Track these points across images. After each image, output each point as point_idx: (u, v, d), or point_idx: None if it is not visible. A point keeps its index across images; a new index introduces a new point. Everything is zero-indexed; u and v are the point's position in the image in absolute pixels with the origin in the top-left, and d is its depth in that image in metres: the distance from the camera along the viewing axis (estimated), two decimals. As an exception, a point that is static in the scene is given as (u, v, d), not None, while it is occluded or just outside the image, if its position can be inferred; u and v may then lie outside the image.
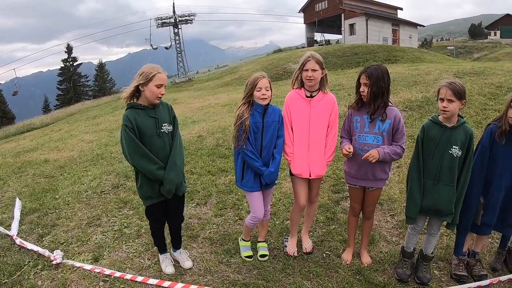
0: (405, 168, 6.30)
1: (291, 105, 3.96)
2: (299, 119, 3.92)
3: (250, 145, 3.82)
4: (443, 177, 3.47)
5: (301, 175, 3.99)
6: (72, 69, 59.87)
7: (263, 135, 3.88)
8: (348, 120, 3.86)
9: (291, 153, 4.00)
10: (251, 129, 3.81)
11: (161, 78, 3.45)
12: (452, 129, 3.41)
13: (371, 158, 3.53)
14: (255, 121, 3.83)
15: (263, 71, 3.91)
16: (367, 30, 39.44)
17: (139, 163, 3.48)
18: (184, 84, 36.51)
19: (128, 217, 5.31)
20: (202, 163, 7.17)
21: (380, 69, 3.56)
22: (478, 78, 11.62)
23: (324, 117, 3.91)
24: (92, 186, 6.66)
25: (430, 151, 3.49)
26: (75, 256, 4.40)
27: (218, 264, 4.12)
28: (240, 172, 3.99)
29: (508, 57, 42.12)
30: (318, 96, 3.91)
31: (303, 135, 3.92)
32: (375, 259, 4.14)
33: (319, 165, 3.97)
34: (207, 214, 5.28)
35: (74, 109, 31.21)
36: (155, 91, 3.44)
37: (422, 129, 3.57)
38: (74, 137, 12.80)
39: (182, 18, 46.81)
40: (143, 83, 3.42)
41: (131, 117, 3.44)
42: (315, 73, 3.79)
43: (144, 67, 3.51)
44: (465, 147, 3.41)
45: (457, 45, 59.05)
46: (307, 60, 3.80)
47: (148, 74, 3.40)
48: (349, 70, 21.87)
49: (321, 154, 3.96)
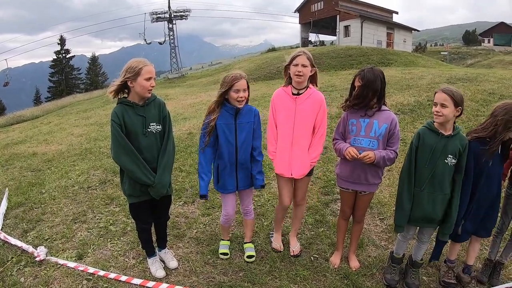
0: (396, 172, 6.28)
1: (276, 103, 3.90)
2: (283, 117, 3.84)
3: (208, 153, 3.81)
4: (437, 186, 3.41)
5: (283, 175, 3.93)
6: (65, 61, 59.52)
7: (237, 137, 3.79)
8: (343, 122, 3.77)
9: (273, 152, 3.94)
10: (222, 131, 3.74)
11: (149, 70, 3.37)
12: (449, 138, 3.34)
13: (367, 159, 3.46)
14: (227, 123, 3.76)
15: (242, 71, 3.82)
16: (361, 32, 39.50)
17: (123, 162, 3.41)
18: (176, 80, 36.35)
19: (114, 214, 5.22)
20: (192, 161, 7.08)
21: (373, 71, 3.50)
22: (471, 84, 11.68)
23: (310, 115, 3.82)
24: (79, 181, 6.57)
25: (425, 159, 3.41)
26: (59, 253, 4.31)
27: (203, 265, 4.06)
28: (216, 174, 3.93)
29: (501, 65, 42.48)
30: (305, 94, 3.82)
31: (287, 133, 3.85)
32: (364, 263, 4.10)
33: (301, 164, 3.88)
34: (194, 213, 5.21)
35: (65, 102, 30.96)
36: (145, 84, 3.36)
37: (417, 135, 3.48)
38: (63, 131, 12.67)
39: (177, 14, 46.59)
40: (132, 78, 3.33)
41: (119, 113, 3.37)
42: (305, 69, 3.71)
43: (130, 62, 3.42)
44: (458, 156, 3.35)
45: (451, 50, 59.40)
46: (297, 55, 3.73)
47: (135, 68, 3.32)
48: (343, 72, 21.88)
49: (304, 153, 3.87)
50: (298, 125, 3.81)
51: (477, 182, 3.44)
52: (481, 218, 3.56)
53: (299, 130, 3.82)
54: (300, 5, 49.34)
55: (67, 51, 60.09)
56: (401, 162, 6.52)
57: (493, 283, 3.85)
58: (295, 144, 3.85)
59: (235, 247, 4.39)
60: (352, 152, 3.49)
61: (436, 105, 3.30)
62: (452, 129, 3.37)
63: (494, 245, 3.94)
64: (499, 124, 3.27)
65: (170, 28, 46.75)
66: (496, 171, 3.45)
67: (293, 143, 3.85)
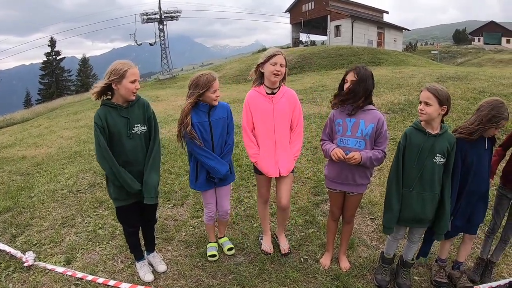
0: (386, 171, 6.27)
1: (252, 105, 3.87)
2: (263, 118, 3.83)
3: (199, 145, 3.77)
4: (426, 186, 3.38)
5: (269, 174, 3.93)
6: (55, 63, 59.03)
7: (212, 133, 3.79)
8: (330, 123, 3.74)
9: (256, 154, 3.91)
10: (198, 129, 3.73)
11: (133, 73, 3.32)
12: (436, 137, 3.32)
13: (353, 160, 3.43)
14: (201, 121, 3.75)
15: (213, 71, 3.81)
16: (352, 32, 39.61)
17: (104, 167, 3.39)
18: (167, 81, 36.14)
19: (103, 218, 5.17)
20: (181, 162, 7.03)
21: (366, 70, 3.50)
22: (461, 83, 11.72)
23: (288, 113, 3.84)
24: (68, 184, 6.50)
25: (413, 159, 3.38)
26: (47, 258, 4.27)
27: (193, 268, 4.02)
28: (194, 173, 3.92)
29: (491, 63, 42.83)
30: (279, 92, 3.84)
31: (269, 133, 3.84)
32: (354, 264, 4.08)
33: (287, 161, 3.90)
34: (183, 216, 5.16)
35: (56, 104, 30.74)
36: (130, 87, 3.31)
37: (404, 136, 3.46)
38: (53, 133, 12.53)
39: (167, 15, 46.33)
40: (116, 81, 3.28)
41: (102, 116, 3.33)
42: (283, 68, 3.73)
43: (114, 64, 3.36)
44: (447, 154, 3.34)
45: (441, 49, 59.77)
46: (276, 54, 3.72)
47: (120, 71, 3.27)
48: (333, 71, 21.91)
49: (287, 150, 3.90)
50: (278, 124, 3.81)
51: (465, 180, 3.43)
52: (469, 214, 3.55)
53: (280, 129, 3.83)
54: (291, 5, 49.43)
55: (57, 53, 59.64)
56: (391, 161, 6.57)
57: (485, 281, 3.85)
58: (278, 143, 3.85)
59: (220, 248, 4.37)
60: (338, 153, 3.47)
61: (421, 103, 3.30)
62: (440, 128, 3.36)
63: (486, 245, 3.94)
64: (484, 120, 3.28)
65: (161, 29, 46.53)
66: (484, 168, 3.44)
67: (277, 142, 3.85)
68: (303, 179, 6.14)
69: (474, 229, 3.65)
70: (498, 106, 3.29)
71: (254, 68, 3.90)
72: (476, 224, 3.62)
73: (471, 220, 3.58)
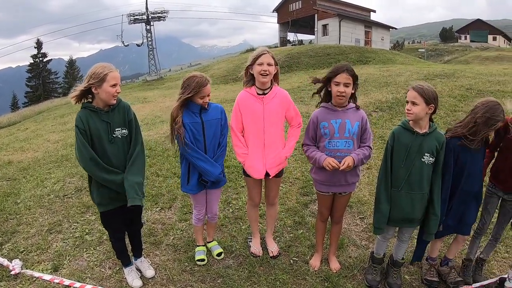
0: (375, 170, 6.28)
1: (242, 106, 3.80)
2: (252, 119, 3.76)
3: (191, 146, 3.69)
4: (415, 186, 3.35)
5: (256, 176, 3.87)
6: (42, 65, 58.34)
7: (205, 134, 3.73)
8: (313, 126, 3.66)
9: (244, 153, 3.85)
10: (189, 129, 3.66)
11: (114, 76, 3.24)
12: (424, 136, 3.29)
13: (348, 168, 3.41)
14: (193, 121, 3.68)
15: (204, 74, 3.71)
16: (340, 31, 39.75)
17: (90, 170, 3.32)
18: (155, 82, 36.06)
19: (90, 223, 5.08)
20: (168, 164, 6.95)
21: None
22: (449, 80, 11.81)
23: (280, 113, 3.78)
24: (55, 189, 6.39)
25: (401, 159, 3.35)
26: (34, 266, 4.18)
27: (181, 273, 3.96)
28: (186, 175, 3.84)
29: (478, 60, 43.19)
30: (271, 92, 3.77)
31: (258, 134, 3.78)
32: (344, 264, 4.07)
33: (276, 163, 3.85)
34: (171, 219, 5.09)
35: (43, 107, 30.35)
36: (110, 91, 3.23)
37: (391, 135, 3.43)
38: (40, 137, 12.38)
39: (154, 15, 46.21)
40: (97, 85, 3.20)
41: (84, 119, 3.25)
42: (270, 67, 3.64)
43: (94, 67, 3.27)
44: (436, 153, 3.31)
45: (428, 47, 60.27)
46: (262, 54, 3.64)
47: (100, 74, 3.18)
48: (321, 70, 21.95)
49: (277, 152, 3.84)
50: (268, 126, 3.75)
51: (458, 180, 3.42)
52: (461, 214, 3.53)
53: (269, 129, 3.77)
54: (278, 4, 49.53)
55: (44, 55, 58.92)
56: (380, 160, 6.55)
57: (477, 279, 3.86)
58: (267, 144, 3.80)
59: (209, 252, 4.33)
60: (332, 163, 3.41)
61: (408, 102, 3.27)
62: (428, 127, 3.33)
63: (474, 245, 3.92)
64: (479, 121, 3.22)
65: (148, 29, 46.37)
66: (478, 168, 3.42)
67: (265, 143, 3.79)
68: (291, 180, 6.11)
69: (467, 229, 3.63)
70: (493, 108, 3.22)
71: (244, 71, 3.85)
72: (468, 224, 3.60)
73: (463, 220, 3.55)
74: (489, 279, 3.84)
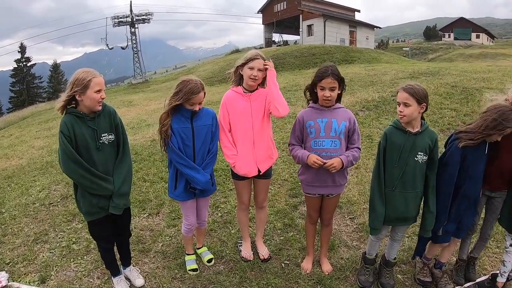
0: (363, 169, 6.27)
1: (229, 105, 3.75)
2: (240, 117, 3.72)
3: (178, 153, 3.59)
4: (408, 185, 3.33)
5: (248, 174, 3.81)
6: (26, 70, 57.56)
7: (195, 140, 3.63)
8: (299, 125, 3.62)
9: (234, 155, 3.79)
10: (178, 135, 3.56)
11: (98, 82, 3.13)
12: (417, 135, 3.26)
13: (332, 169, 3.36)
14: (183, 127, 3.58)
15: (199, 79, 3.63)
16: (324, 31, 39.86)
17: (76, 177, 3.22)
18: (140, 85, 35.79)
19: (77, 231, 4.97)
20: (155, 169, 6.86)
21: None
22: (434, 78, 11.90)
23: (266, 109, 3.75)
24: (40, 197, 6.26)
25: (394, 159, 3.32)
26: (21, 278, 4.07)
27: (171, 280, 3.88)
28: (173, 181, 3.74)
29: (462, 58, 43.81)
30: (257, 91, 3.75)
31: (247, 132, 3.73)
32: (336, 266, 4.03)
33: (266, 158, 3.83)
34: (159, 225, 5.00)
35: (27, 113, 29.87)
36: (95, 97, 3.12)
37: (384, 136, 3.39)
38: (24, 143, 12.20)
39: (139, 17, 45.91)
40: (80, 92, 3.09)
41: (69, 125, 3.14)
42: (261, 73, 3.63)
43: (76, 73, 3.15)
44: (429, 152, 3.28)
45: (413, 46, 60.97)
46: (255, 58, 3.61)
47: (83, 81, 3.07)
48: (307, 71, 22.00)
49: (266, 149, 3.81)
50: (256, 122, 3.72)
51: (460, 184, 3.37)
52: (460, 219, 3.48)
53: (258, 126, 3.73)
54: (263, 5, 49.55)
55: (27, 59, 58.13)
56: (368, 159, 6.58)
57: (470, 277, 3.84)
58: (256, 141, 3.76)
59: (199, 258, 4.26)
60: (317, 160, 3.38)
61: (400, 104, 3.22)
62: (420, 125, 3.30)
63: (465, 245, 3.90)
64: (490, 124, 3.15)
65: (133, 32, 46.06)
66: (480, 173, 3.36)
67: (255, 141, 3.75)
68: (280, 181, 6.06)
69: (463, 233, 3.61)
70: (506, 113, 3.14)
71: (234, 69, 3.80)
72: (465, 229, 3.57)
73: (460, 225, 3.51)
74: (482, 277, 3.83)
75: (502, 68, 14.65)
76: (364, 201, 5.28)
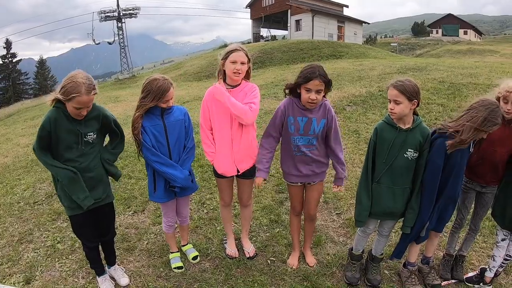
0: (350, 164, 6.25)
1: (209, 101, 3.64)
2: (219, 114, 3.61)
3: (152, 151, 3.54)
4: (396, 180, 3.29)
5: (226, 174, 3.76)
6: (12, 66, 56.76)
7: (168, 137, 3.57)
8: (281, 115, 3.54)
9: (212, 152, 3.73)
10: (151, 133, 3.51)
11: (80, 101, 2.97)
12: (408, 131, 3.20)
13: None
14: (155, 124, 3.52)
15: (166, 76, 3.55)
16: (313, 26, 39.93)
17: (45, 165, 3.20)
18: (127, 80, 35.55)
19: (62, 230, 4.88)
20: (141, 166, 6.75)
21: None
22: (421, 74, 11.96)
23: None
24: (25, 196, 6.14)
25: (383, 154, 3.28)
26: (6, 279, 3.99)
27: (156, 279, 3.83)
28: (152, 183, 3.68)
29: (449, 54, 44.09)
30: (239, 87, 3.62)
31: (225, 130, 3.63)
32: (323, 262, 4.01)
33: (246, 158, 3.75)
34: (144, 223, 4.94)
35: (13, 110, 29.46)
36: (74, 112, 3.03)
37: (374, 131, 3.34)
38: (9, 141, 11.98)
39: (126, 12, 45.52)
40: (64, 99, 2.98)
41: (53, 121, 3.04)
42: (243, 66, 3.50)
43: (69, 79, 2.99)
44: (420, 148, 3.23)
45: (401, 42, 61.20)
46: (235, 51, 3.48)
47: (68, 93, 2.93)
48: (295, 66, 21.96)
49: (247, 148, 3.71)
50: (236, 121, 3.60)
51: (444, 183, 3.29)
52: (439, 215, 3.45)
53: (237, 125, 3.62)
54: (251, 0, 49.40)
55: (13, 55, 57.28)
56: (355, 154, 6.57)
57: (457, 276, 3.82)
58: (236, 141, 3.66)
59: (184, 255, 4.22)
60: (256, 185, 3.81)
61: (390, 101, 3.17)
62: (412, 121, 3.24)
63: (453, 240, 3.90)
64: (476, 121, 3.02)
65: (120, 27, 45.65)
66: (462, 171, 3.33)
67: (234, 140, 3.65)
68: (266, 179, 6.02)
69: (441, 227, 3.57)
70: (494, 110, 3.04)
71: (218, 69, 3.66)
72: (444, 223, 3.53)
73: (439, 219, 3.48)
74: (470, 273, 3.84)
75: (489, 64, 14.79)
76: (351, 196, 5.27)
